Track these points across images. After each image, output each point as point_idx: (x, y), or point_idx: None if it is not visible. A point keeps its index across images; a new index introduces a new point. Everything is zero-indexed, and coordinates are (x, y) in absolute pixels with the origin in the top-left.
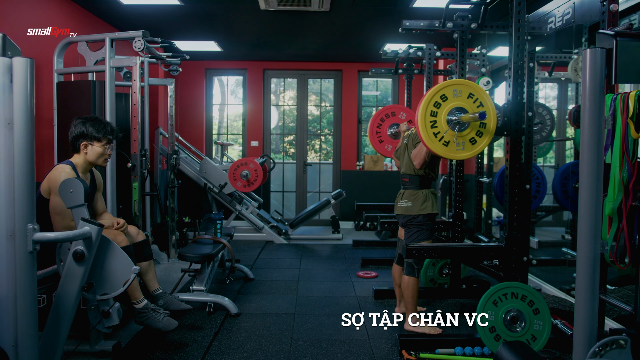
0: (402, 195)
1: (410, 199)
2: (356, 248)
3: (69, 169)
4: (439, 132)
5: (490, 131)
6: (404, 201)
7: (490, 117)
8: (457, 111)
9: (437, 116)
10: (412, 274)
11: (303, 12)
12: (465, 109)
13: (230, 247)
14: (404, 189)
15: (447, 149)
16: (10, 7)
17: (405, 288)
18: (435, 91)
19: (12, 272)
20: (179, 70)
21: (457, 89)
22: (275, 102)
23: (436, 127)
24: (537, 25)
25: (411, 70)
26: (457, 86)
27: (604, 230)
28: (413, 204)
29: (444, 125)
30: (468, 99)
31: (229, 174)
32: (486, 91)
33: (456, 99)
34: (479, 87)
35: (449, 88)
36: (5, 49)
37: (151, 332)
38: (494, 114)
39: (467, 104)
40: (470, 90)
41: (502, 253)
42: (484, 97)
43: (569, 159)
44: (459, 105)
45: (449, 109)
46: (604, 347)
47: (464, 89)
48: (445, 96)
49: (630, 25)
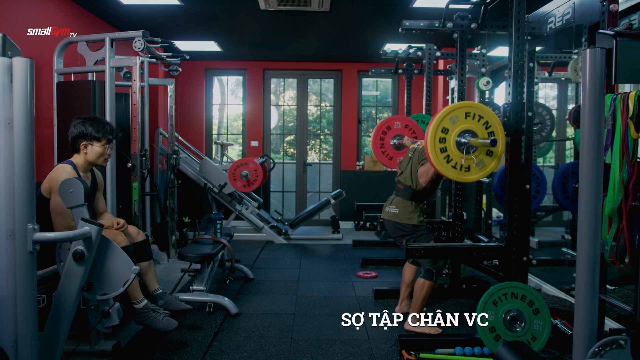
0: (392, 201)
1: (398, 207)
2: (356, 248)
3: (70, 169)
4: (448, 154)
5: (498, 155)
6: (392, 207)
7: (500, 142)
8: (466, 134)
9: (447, 138)
10: (430, 278)
11: (303, 12)
12: (474, 132)
13: (230, 247)
14: (395, 195)
15: (456, 171)
16: (10, 7)
17: (419, 290)
18: (445, 114)
19: (12, 272)
20: (179, 70)
21: (461, 112)
22: (275, 102)
23: (445, 149)
24: (537, 25)
25: (411, 70)
26: (466, 109)
27: (604, 230)
28: (400, 211)
29: (453, 148)
30: (477, 121)
31: (228, 174)
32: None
33: (463, 122)
34: (487, 109)
35: (459, 110)
36: (5, 49)
37: (151, 332)
38: (502, 137)
39: (476, 127)
40: (480, 113)
41: (502, 253)
42: (492, 119)
43: (569, 159)
44: (468, 128)
45: (458, 132)
46: (603, 347)
47: (469, 110)
48: (451, 120)
49: (630, 25)
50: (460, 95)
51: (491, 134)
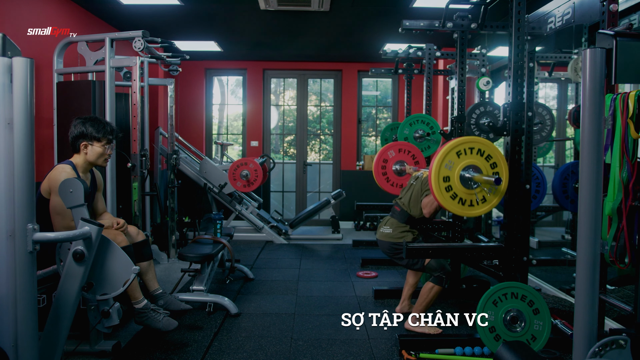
0: (387, 221)
1: (391, 227)
2: (356, 248)
3: (70, 169)
4: (453, 190)
5: (502, 191)
6: (386, 227)
7: (504, 180)
8: (470, 169)
9: (451, 174)
10: (440, 284)
11: (303, 12)
12: (478, 167)
13: (230, 247)
14: (390, 216)
15: (460, 206)
16: (10, 7)
17: (427, 293)
18: (447, 150)
19: (12, 272)
20: (179, 70)
21: (470, 146)
22: (275, 102)
23: (450, 186)
24: (537, 25)
25: (411, 70)
26: (469, 144)
27: (604, 230)
28: (393, 231)
29: (457, 183)
30: (481, 156)
31: (228, 174)
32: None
33: (468, 157)
34: (492, 145)
35: (461, 146)
36: (5, 49)
37: (151, 332)
38: (506, 174)
39: (480, 162)
40: (484, 148)
41: (502, 253)
42: (497, 155)
43: (569, 159)
44: (472, 163)
45: (462, 167)
46: (603, 347)
47: (474, 146)
48: (457, 154)
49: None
50: (460, 95)
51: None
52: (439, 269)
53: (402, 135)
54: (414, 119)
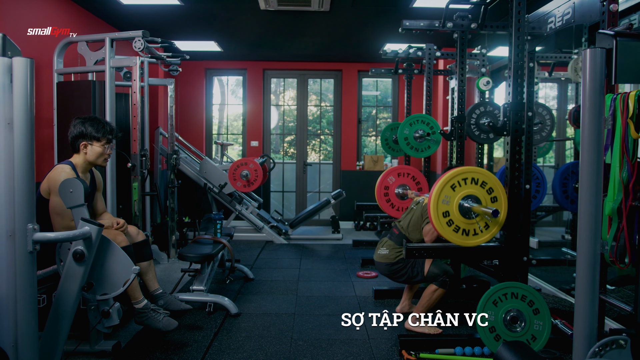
0: (384, 243)
1: (389, 249)
2: (356, 248)
3: (69, 169)
4: (452, 220)
5: (500, 222)
6: (383, 249)
7: (502, 207)
8: (469, 199)
9: (449, 204)
10: (444, 287)
11: (303, 12)
12: (477, 197)
13: (230, 247)
14: (388, 238)
15: (459, 236)
16: (10, 7)
17: (430, 294)
18: (443, 184)
19: (12, 272)
20: (179, 70)
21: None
22: (275, 102)
23: (452, 220)
24: (537, 25)
25: (411, 70)
26: (462, 175)
27: (604, 230)
28: (390, 252)
29: (456, 213)
30: (480, 187)
31: (229, 174)
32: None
33: (467, 187)
34: (487, 172)
35: (462, 176)
36: (5, 49)
37: (151, 332)
38: (505, 205)
39: (479, 192)
40: (483, 179)
41: (502, 253)
42: (493, 181)
43: (569, 159)
44: (471, 193)
45: (461, 197)
46: (604, 347)
47: (474, 176)
48: (456, 184)
49: (630, 25)
50: (460, 95)
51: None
52: (442, 273)
53: (402, 135)
54: (414, 119)
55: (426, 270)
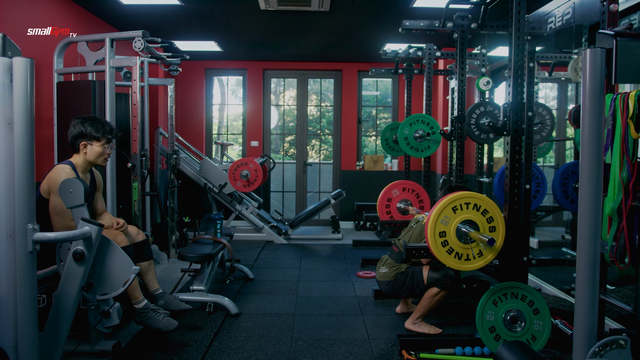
0: (384, 261)
1: (388, 267)
2: (356, 248)
3: (69, 169)
4: (450, 246)
5: (496, 249)
6: (384, 267)
7: (499, 235)
8: (466, 224)
9: (447, 229)
10: (445, 288)
11: (303, 12)
12: (476, 223)
13: (230, 247)
14: (388, 256)
15: (458, 261)
16: (10, 7)
17: (431, 296)
18: (444, 206)
19: (12, 272)
20: (179, 70)
21: (466, 202)
22: (275, 102)
23: (446, 241)
24: (537, 25)
25: (411, 70)
26: (465, 199)
27: (604, 230)
28: (389, 270)
29: (453, 238)
30: (477, 211)
31: (229, 174)
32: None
33: (470, 212)
34: (489, 200)
35: (458, 202)
36: (5, 49)
37: (151, 332)
38: (502, 228)
39: (477, 217)
40: (485, 207)
41: (502, 253)
42: (493, 210)
43: (569, 159)
44: (468, 218)
45: (458, 221)
46: (604, 347)
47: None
48: (454, 209)
49: (630, 25)
50: (460, 95)
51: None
52: (442, 278)
53: (402, 135)
54: (414, 119)
55: (425, 278)
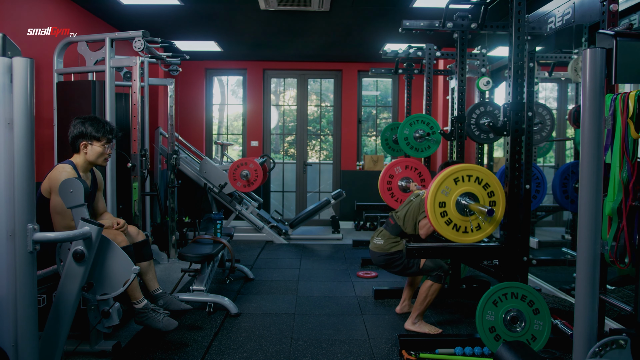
0: (379, 233)
1: (383, 239)
2: (356, 248)
3: (70, 169)
4: (449, 217)
5: (497, 220)
6: (378, 239)
7: (499, 208)
8: (466, 196)
9: (447, 200)
10: (439, 281)
11: (303, 12)
12: (475, 195)
13: (230, 247)
14: (383, 228)
15: (456, 233)
16: (10, 7)
17: (426, 291)
18: (446, 176)
19: (12, 272)
20: (179, 70)
21: (468, 174)
22: (275, 102)
23: (445, 212)
24: (537, 25)
25: (411, 70)
26: (467, 172)
27: (604, 230)
28: (384, 242)
29: (453, 209)
30: (478, 184)
31: (229, 174)
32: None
33: (466, 184)
34: (489, 173)
35: (460, 173)
36: (5, 49)
37: (151, 332)
38: (502, 203)
39: (477, 190)
40: (481, 176)
41: (502, 253)
42: (494, 183)
43: (569, 159)
44: (469, 191)
45: (459, 194)
46: (604, 347)
47: (471, 174)
48: (455, 180)
49: (630, 25)
50: (460, 95)
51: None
52: (436, 268)
53: (402, 135)
54: (414, 119)
55: (422, 263)
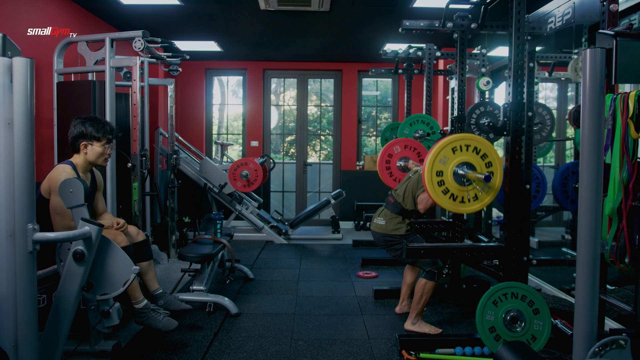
0: (380, 212)
1: (385, 219)
2: (356, 248)
3: (70, 169)
4: (446, 186)
5: (495, 188)
6: (380, 219)
7: (497, 178)
8: (464, 166)
9: (444, 169)
10: (432, 279)
11: (303, 12)
12: (472, 165)
13: (230, 247)
14: (384, 207)
15: (453, 203)
16: (10, 7)
17: (421, 290)
18: (443, 145)
19: (12, 272)
20: (179, 70)
21: (466, 144)
22: (275, 102)
23: (442, 181)
24: (537, 25)
25: (411, 70)
26: (465, 141)
27: (604, 230)
28: (387, 223)
29: (450, 180)
30: (476, 154)
31: (229, 174)
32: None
33: (463, 154)
34: (488, 143)
35: (458, 142)
36: (5, 49)
37: (151, 332)
38: (500, 173)
39: (475, 160)
40: (479, 146)
41: (502, 253)
42: (492, 154)
43: (569, 159)
44: (466, 160)
45: (456, 163)
46: (604, 347)
47: (469, 143)
48: (453, 150)
49: (630, 25)
50: (460, 95)
51: (489, 165)
52: (431, 263)
53: (402, 135)
54: (414, 119)
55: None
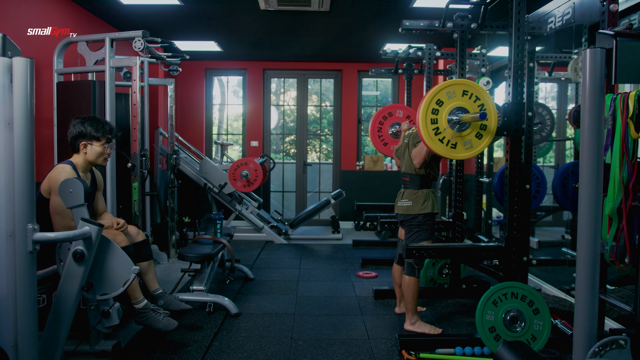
0: (403, 194)
1: (410, 199)
2: (356, 248)
3: (70, 169)
4: (440, 131)
5: (491, 131)
6: (405, 200)
7: (492, 118)
8: (458, 111)
9: (439, 115)
10: (412, 274)
11: (303, 12)
12: (466, 109)
13: (230, 247)
14: (404, 188)
15: (447, 148)
16: (10, 7)
17: (406, 288)
18: (437, 90)
19: (12, 272)
20: (179, 70)
21: (458, 89)
22: (275, 102)
23: (437, 126)
24: (537, 25)
25: (411, 70)
26: (458, 86)
27: (604, 230)
28: (414, 203)
29: (444, 124)
30: (470, 99)
31: (229, 174)
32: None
33: (457, 99)
34: (480, 87)
35: (451, 87)
36: (5, 49)
37: (151, 332)
38: (494, 114)
39: (469, 105)
40: (472, 91)
41: (502, 253)
42: (485, 98)
43: (569, 159)
44: (460, 105)
45: (450, 109)
46: (603, 347)
47: (466, 88)
48: (447, 95)
49: (630, 25)
50: None
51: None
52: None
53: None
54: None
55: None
